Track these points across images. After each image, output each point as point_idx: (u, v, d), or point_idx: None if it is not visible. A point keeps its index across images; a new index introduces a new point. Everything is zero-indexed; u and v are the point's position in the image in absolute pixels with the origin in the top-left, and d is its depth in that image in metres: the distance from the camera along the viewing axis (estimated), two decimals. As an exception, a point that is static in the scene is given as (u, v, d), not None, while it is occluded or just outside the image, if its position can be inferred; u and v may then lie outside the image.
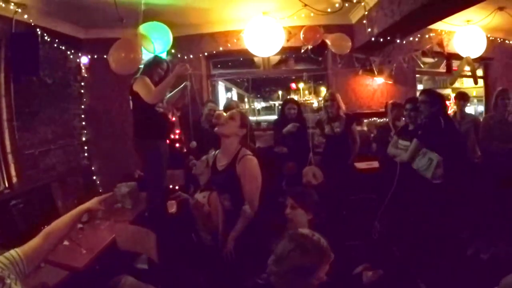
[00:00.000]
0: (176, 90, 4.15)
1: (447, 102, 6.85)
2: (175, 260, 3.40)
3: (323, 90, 18.78)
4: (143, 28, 4.08)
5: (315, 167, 3.81)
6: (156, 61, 3.98)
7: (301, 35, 4.86)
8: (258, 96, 17.84)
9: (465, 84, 8.74)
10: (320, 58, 5.79)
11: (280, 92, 17.80)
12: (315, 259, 1.76)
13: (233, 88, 13.07)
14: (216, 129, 2.88)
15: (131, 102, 4.02)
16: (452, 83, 6.11)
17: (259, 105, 17.85)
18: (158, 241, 2.95)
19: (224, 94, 10.89)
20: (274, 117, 9.87)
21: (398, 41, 5.26)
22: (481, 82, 6.91)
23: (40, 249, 1.82)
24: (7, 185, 4.36)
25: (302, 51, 5.36)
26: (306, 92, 19.19)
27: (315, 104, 16.54)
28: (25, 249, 1.77)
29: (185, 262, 3.46)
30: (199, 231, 3.47)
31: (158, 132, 4.00)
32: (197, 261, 3.42)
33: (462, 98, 5.24)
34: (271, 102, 18.45)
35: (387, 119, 5.22)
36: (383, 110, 5.79)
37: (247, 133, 2.88)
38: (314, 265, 1.76)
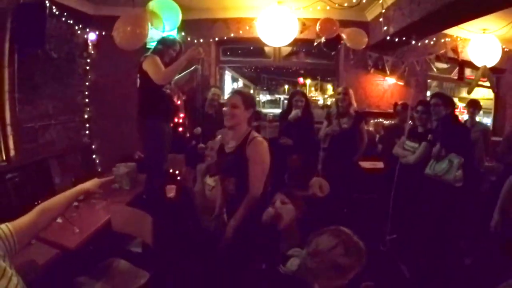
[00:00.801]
0: (186, 72, 4.02)
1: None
2: (170, 246, 3.32)
3: (329, 88, 18.84)
4: (152, 5, 3.94)
5: (322, 179, 3.72)
6: (169, 41, 3.85)
7: (317, 26, 4.75)
8: (265, 88, 17.79)
9: (473, 95, 8.58)
10: (333, 53, 5.66)
11: (286, 86, 17.75)
12: (354, 261, 1.71)
13: (239, 79, 13.03)
14: (225, 123, 2.79)
15: (138, 80, 3.88)
16: (470, 92, 5.99)
17: (264, 97, 17.80)
18: (154, 225, 2.85)
19: (231, 84, 10.84)
20: (278, 110, 9.78)
21: (413, 42, 5.19)
22: (490, 93, 6.82)
23: (32, 226, 1.72)
24: (4, 157, 4.28)
25: (315, 43, 5.27)
26: (313, 88, 19.16)
27: (321, 101, 16.53)
28: (17, 224, 1.67)
29: (180, 247, 3.38)
30: (200, 216, 3.38)
31: (163, 113, 3.89)
32: (194, 247, 3.35)
33: (474, 106, 5.20)
34: (277, 96, 18.39)
35: (396, 121, 5.14)
36: (391, 111, 5.72)
37: (253, 113, 2.83)
38: (351, 266, 1.71)
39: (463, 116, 5.42)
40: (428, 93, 6.53)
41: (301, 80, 16.18)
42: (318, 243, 1.76)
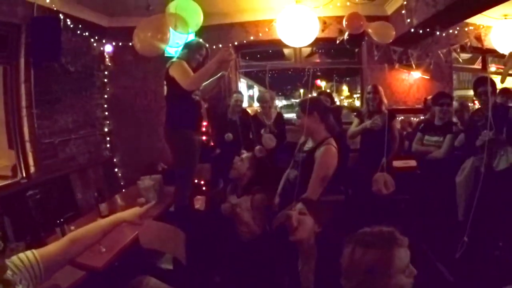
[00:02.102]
0: (213, 78, 3.79)
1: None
2: (203, 261, 3.17)
3: (344, 89, 18.66)
4: (174, 6, 3.74)
5: (387, 175, 3.53)
6: (195, 45, 3.66)
7: (344, 22, 4.57)
8: (280, 94, 17.71)
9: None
10: (356, 50, 5.49)
11: (302, 90, 17.62)
12: (383, 249, 1.45)
13: (254, 86, 12.92)
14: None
15: (165, 88, 3.68)
16: (503, 80, 5.75)
17: (280, 103, 17.72)
18: (187, 240, 2.70)
19: (246, 91, 10.73)
20: (293, 115, 9.59)
21: (437, 33, 4.98)
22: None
23: (61, 256, 1.60)
24: (24, 174, 4.24)
25: (338, 41, 5.10)
26: (328, 91, 19.02)
27: (337, 103, 16.34)
28: (44, 252, 1.55)
29: (212, 262, 3.23)
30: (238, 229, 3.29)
31: (194, 121, 3.70)
32: (227, 262, 3.21)
33: (506, 94, 4.99)
34: (293, 100, 18.28)
35: (427, 116, 4.92)
36: (419, 106, 5.52)
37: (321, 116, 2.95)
38: (386, 256, 1.44)
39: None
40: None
41: (318, 82, 16.01)
42: (342, 262, 1.54)
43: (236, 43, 5.86)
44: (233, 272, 3.16)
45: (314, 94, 5.50)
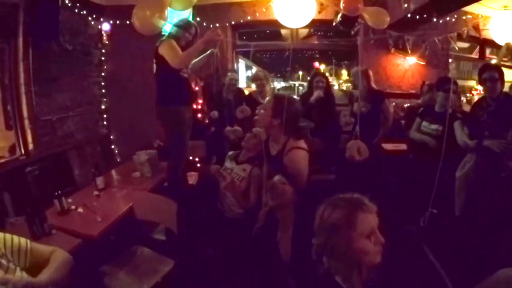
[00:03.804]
0: (202, 56, 3.90)
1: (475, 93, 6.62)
2: (195, 232, 3.27)
3: (344, 73, 18.58)
4: None
5: (361, 142, 3.59)
6: (184, 24, 3.72)
7: (341, 4, 4.59)
8: (279, 75, 17.66)
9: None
10: (352, 32, 5.49)
11: (300, 73, 17.59)
12: (343, 212, 1.53)
13: (253, 66, 12.92)
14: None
15: (154, 66, 3.79)
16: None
17: (278, 84, 17.68)
18: (179, 211, 2.79)
19: (244, 72, 10.74)
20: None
21: (434, 20, 5.01)
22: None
23: (45, 258, 1.80)
24: (23, 151, 4.29)
25: (334, 23, 5.12)
26: (327, 74, 18.96)
27: (336, 87, 16.33)
28: (36, 246, 1.78)
29: (204, 234, 3.32)
30: (223, 203, 3.32)
31: (182, 98, 3.80)
32: (218, 234, 3.29)
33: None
34: (291, 82, 18.23)
35: (420, 101, 4.98)
36: (413, 91, 5.56)
37: (286, 123, 2.64)
38: (349, 216, 1.52)
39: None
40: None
41: (316, 64, 15.97)
42: (315, 222, 1.64)
43: (233, 23, 5.87)
44: (225, 244, 3.22)
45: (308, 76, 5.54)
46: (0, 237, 1.66)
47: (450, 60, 6.96)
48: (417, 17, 4.83)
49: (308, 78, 5.34)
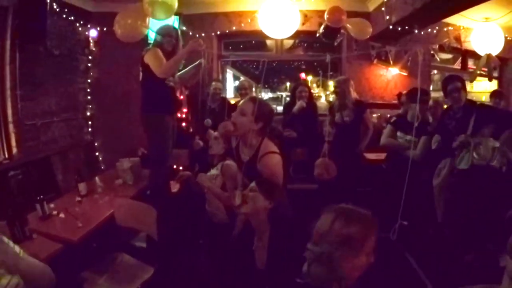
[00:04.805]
0: (191, 67, 3.97)
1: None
2: (175, 239, 3.29)
3: (331, 85, 18.65)
4: None
5: (329, 160, 3.64)
6: (163, 30, 3.78)
7: (325, 15, 4.68)
8: (266, 86, 17.68)
9: (475, 88, 8.44)
10: (335, 43, 5.57)
11: (288, 84, 17.62)
12: (359, 228, 1.52)
13: (241, 77, 12.96)
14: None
15: (141, 74, 3.86)
16: (472, 80, 5.93)
17: (266, 95, 17.70)
18: (159, 218, 2.81)
19: (232, 83, 10.78)
20: (280, 107, 9.72)
21: (416, 31, 5.12)
22: (493, 84, 6.73)
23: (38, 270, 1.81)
24: (6, 155, 4.26)
25: (318, 35, 5.21)
26: (314, 85, 19.05)
27: (323, 99, 16.43)
28: (27, 258, 1.76)
29: (184, 241, 3.35)
30: (209, 210, 3.31)
31: (167, 106, 3.86)
32: (199, 241, 3.31)
33: (499, 96, 5.14)
34: (279, 93, 18.26)
35: (400, 111, 5.07)
36: (395, 101, 5.65)
37: (265, 125, 2.61)
38: (360, 235, 1.51)
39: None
40: (431, 87, 6.47)
41: (303, 75, 16.05)
42: (317, 228, 1.59)
43: (218, 33, 5.93)
44: (210, 250, 3.23)
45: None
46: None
47: (435, 72, 7.13)
48: (399, 28, 4.94)
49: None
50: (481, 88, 7.82)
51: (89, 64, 5.77)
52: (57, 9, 4.73)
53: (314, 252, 1.53)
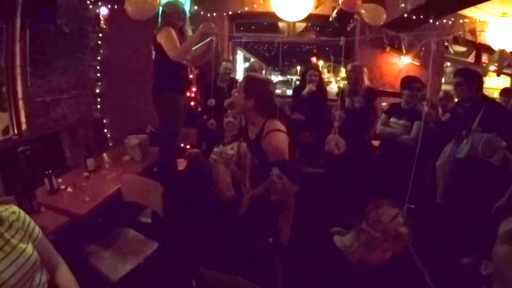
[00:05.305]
0: (202, 43, 3.91)
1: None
2: (180, 216, 3.31)
3: (342, 70, 18.56)
4: None
5: (339, 136, 3.63)
6: (170, 7, 3.70)
7: (340, -1, 4.62)
8: (276, 69, 17.62)
9: (488, 83, 8.35)
10: (348, 29, 5.51)
11: (298, 67, 17.56)
12: (409, 232, 1.75)
13: (251, 59, 12.92)
14: None
15: (153, 53, 3.85)
16: (484, 74, 5.84)
17: (276, 78, 17.65)
18: (165, 195, 2.83)
19: (242, 64, 10.74)
20: (290, 91, 9.71)
21: (431, 21, 5.05)
22: (506, 81, 6.64)
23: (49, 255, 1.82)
24: (16, 131, 4.30)
25: (331, 19, 5.15)
26: (325, 70, 18.95)
27: (334, 85, 16.35)
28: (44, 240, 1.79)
29: (189, 218, 3.37)
30: (217, 187, 3.33)
31: (180, 85, 3.86)
32: (204, 218, 3.32)
33: (509, 93, 5.10)
34: (289, 77, 18.20)
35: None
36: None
37: (257, 102, 2.58)
38: (406, 236, 1.75)
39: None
40: (443, 80, 6.39)
41: (314, 60, 15.97)
42: (379, 214, 1.77)
43: (230, 13, 5.89)
44: (217, 226, 3.29)
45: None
46: (22, 215, 1.69)
47: (448, 64, 7.03)
48: (414, 17, 4.86)
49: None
50: (494, 85, 7.74)
51: (99, 42, 5.75)
52: (68, -14, 4.70)
53: (368, 231, 1.75)
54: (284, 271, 2.23)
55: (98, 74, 5.79)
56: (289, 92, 8.71)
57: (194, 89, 5.02)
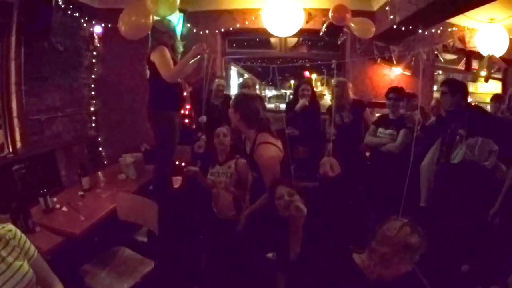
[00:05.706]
0: (193, 60, 3.97)
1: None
2: (176, 234, 3.31)
3: (335, 84, 18.62)
4: None
5: (333, 159, 3.66)
6: (166, 27, 3.82)
7: (330, 13, 4.69)
8: (270, 83, 17.71)
9: (480, 89, 8.44)
10: (339, 42, 5.57)
11: (292, 82, 17.63)
12: (421, 240, 1.80)
13: (245, 74, 12.98)
14: None
15: (148, 72, 3.89)
16: (474, 80, 5.90)
17: (270, 93, 17.74)
18: (160, 214, 2.84)
19: (236, 80, 10.82)
20: (284, 105, 9.77)
21: (420, 31, 5.11)
22: (498, 86, 6.71)
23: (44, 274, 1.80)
24: (11, 149, 4.29)
25: (321, 33, 5.21)
26: (319, 83, 19.04)
27: (328, 97, 16.43)
28: (39, 259, 1.78)
29: (185, 236, 3.37)
30: (217, 206, 3.33)
31: (174, 103, 3.89)
32: (199, 236, 3.32)
33: (499, 100, 5.07)
34: (283, 91, 18.27)
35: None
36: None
37: (242, 114, 2.71)
38: (419, 245, 1.79)
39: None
40: (435, 88, 6.45)
41: (307, 73, 16.07)
42: (384, 230, 1.83)
43: (223, 30, 5.94)
44: (216, 245, 3.28)
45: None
46: (18, 234, 1.71)
47: (440, 72, 7.11)
48: (403, 28, 4.94)
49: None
50: (486, 90, 7.81)
51: (94, 60, 5.79)
52: (62, 5, 4.75)
53: (377, 248, 1.81)
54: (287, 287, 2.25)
55: (93, 92, 5.81)
56: (283, 106, 8.75)
57: (188, 106, 5.04)
